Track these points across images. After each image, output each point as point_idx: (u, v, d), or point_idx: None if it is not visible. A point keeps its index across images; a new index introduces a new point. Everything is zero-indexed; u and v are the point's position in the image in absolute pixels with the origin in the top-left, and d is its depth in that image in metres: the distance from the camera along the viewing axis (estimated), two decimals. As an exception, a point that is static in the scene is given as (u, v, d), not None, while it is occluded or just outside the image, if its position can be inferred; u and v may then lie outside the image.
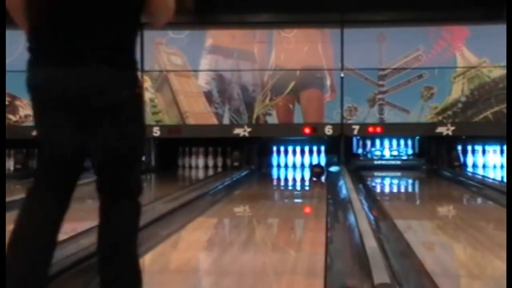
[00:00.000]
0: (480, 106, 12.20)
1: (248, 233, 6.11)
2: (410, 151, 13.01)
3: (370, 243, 4.48)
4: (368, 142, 13.09)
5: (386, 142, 13.02)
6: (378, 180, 11.40)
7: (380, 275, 3.57)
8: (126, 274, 3.02)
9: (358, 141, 13.10)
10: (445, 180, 11.14)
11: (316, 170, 11.43)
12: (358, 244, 4.69)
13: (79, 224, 5.31)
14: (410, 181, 11.75)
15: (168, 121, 12.53)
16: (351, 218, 6.00)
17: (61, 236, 4.50)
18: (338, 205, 7.43)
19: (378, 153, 12.98)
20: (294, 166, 12.92)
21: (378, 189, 10.11)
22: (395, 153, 12.95)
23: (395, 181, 11.48)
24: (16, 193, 7.96)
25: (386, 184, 11.01)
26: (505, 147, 12.68)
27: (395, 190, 10.55)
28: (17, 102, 12.11)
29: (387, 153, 12.97)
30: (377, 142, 13.02)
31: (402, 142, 12.99)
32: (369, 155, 13.04)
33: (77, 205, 3.24)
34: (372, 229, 5.20)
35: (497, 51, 11.99)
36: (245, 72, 12.59)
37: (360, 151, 13.09)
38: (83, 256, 4.21)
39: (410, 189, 10.77)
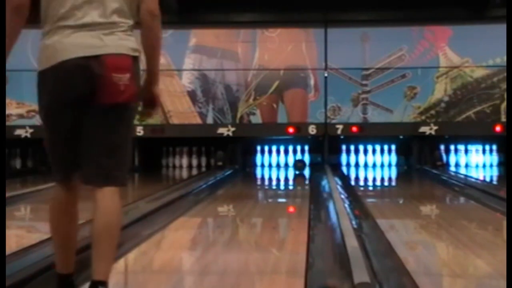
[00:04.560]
0: (463, 106, 12.27)
1: (231, 232, 6.13)
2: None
3: (352, 242, 4.49)
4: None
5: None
6: (361, 180, 11.43)
7: (360, 274, 3.58)
8: None
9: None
10: (428, 180, 11.19)
11: (298, 164, 12.59)
12: (339, 244, 4.70)
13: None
14: (393, 180, 11.79)
15: (152, 120, 12.48)
16: (333, 218, 6.02)
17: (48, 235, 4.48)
18: (320, 204, 7.45)
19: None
20: (278, 165, 12.93)
21: (361, 189, 10.13)
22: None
23: (378, 181, 11.51)
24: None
25: (369, 183, 11.04)
26: (487, 147, 12.77)
27: (378, 189, 10.58)
28: (0, 101, 12.07)
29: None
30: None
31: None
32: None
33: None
34: (354, 229, 5.21)
35: (480, 51, 12.09)
36: (229, 72, 12.60)
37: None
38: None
39: (392, 189, 10.80)
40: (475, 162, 12.77)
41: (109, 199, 3.19)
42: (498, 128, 12.07)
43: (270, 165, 12.94)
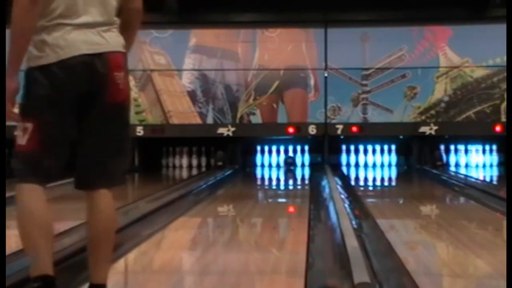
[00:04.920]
0: (463, 106, 12.27)
1: (231, 232, 6.13)
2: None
3: (352, 243, 4.49)
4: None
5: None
6: (361, 180, 11.43)
7: (360, 274, 3.58)
8: None
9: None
10: (428, 180, 11.19)
11: (288, 161, 12.84)
12: (339, 244, 4.70)
13: (61, 224, 5.29)
14: (393, 180, 11.79)
15: (152, 120, 12.51)
16: (333, 218, 6.01)
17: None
18: (320, 204, 7.45)
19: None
20: (278, 165, 12.93)
21: (361, 189, 10.13)
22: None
23: (378, 181, 11.51)
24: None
25: (369, 183, 11.04)
26: (487, 147, 12.76)
27: (378, 189, 10.58)
28: None
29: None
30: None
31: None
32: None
33: (58, 205, 3.24)
34: (354, 229, 5.21)
35: (480, 51, 12.08)
36: (229, 72, 12.60)
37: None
38: (65, 255, 4.20)
39: (392, 189, 10.80)
40: (475, 162, 12.76)
41: (107, 201, 3.17)
42: (498, 128, 12.07)
43: (270, 165, 12.93)
